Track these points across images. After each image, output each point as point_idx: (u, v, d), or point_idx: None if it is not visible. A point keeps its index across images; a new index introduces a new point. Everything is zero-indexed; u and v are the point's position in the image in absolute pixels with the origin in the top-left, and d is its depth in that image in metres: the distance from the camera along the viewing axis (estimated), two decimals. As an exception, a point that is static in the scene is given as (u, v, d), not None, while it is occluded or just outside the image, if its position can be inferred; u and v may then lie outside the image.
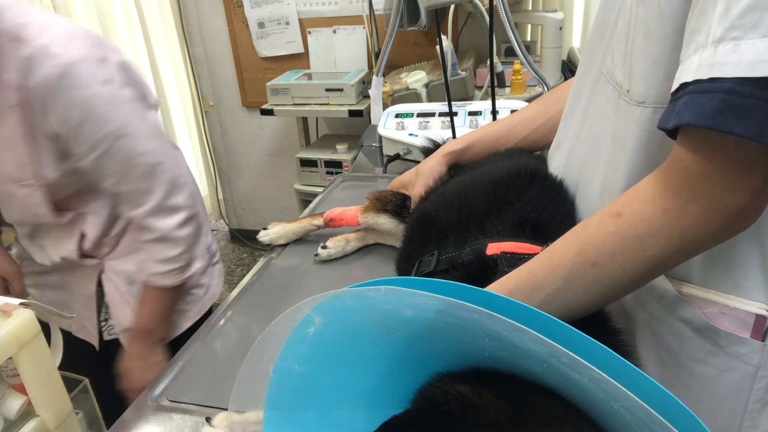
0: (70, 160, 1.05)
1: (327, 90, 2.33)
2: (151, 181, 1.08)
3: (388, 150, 1.53)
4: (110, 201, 1.16)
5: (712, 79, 0.44)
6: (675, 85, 0.48)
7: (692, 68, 0.46)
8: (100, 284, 1.23)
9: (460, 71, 2.05)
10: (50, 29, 0.98)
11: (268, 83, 2.41)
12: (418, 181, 0.98)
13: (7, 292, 1.24)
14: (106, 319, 1.27)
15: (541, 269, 0.57)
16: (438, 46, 1.53)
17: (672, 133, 0.50)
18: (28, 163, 1.03)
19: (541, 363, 0.42)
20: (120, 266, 1.22)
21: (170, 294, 1.19)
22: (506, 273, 0.61)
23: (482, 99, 2.05)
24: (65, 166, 1.06)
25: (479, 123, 1.46)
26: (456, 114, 1.48)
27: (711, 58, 0.45)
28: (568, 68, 2.16)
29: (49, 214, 1.11)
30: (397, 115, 1.55)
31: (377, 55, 2.11)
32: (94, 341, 1.28)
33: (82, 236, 1.16)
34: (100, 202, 1.16)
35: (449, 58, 1.98)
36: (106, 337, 1.27)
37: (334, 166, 2.39)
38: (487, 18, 1.82)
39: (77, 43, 0.99)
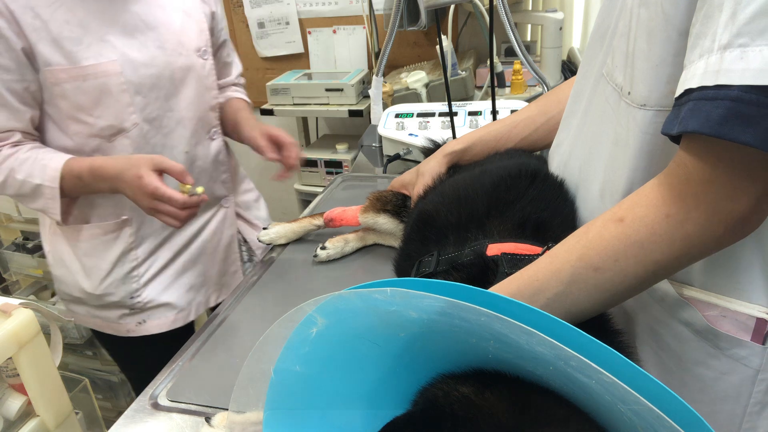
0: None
1: (327, 90, 2.32)
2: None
3: (388, 150, 1.53)
4: None
5: (718, 87, 0.44)
6: (679, 90, 0.48)
7: (697, 74, 0.46)
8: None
9: (460, 71, 2.04)
10: None
11: (268, 83, 2.40)
12: (418, 181, 0.98)
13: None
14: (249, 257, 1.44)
15: (543, 273, 0.57)
16: (438, 46, 1.52)
17: (675, 137, 0.49)
18: (205, 29, 1.22)
19: (547, 365, 0.42)
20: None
21: None
22: (507, 274, 0.61)
23: (482, 99, 2.05)
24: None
25: (479, 123, 1.46)
26: (456, 114, 1.48)
27: (717, 65, 0.44)
28: (568, 68, 2.16)
29: (216, 98, 1.30)
30: (397, 115, 1.55)
31: (377, 55, 2.11)
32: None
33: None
34: None
35: (449, 58, 1.97)
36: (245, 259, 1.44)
37: (334, 166, 2.38)
38: (487, 18, 1.81)
39: None
